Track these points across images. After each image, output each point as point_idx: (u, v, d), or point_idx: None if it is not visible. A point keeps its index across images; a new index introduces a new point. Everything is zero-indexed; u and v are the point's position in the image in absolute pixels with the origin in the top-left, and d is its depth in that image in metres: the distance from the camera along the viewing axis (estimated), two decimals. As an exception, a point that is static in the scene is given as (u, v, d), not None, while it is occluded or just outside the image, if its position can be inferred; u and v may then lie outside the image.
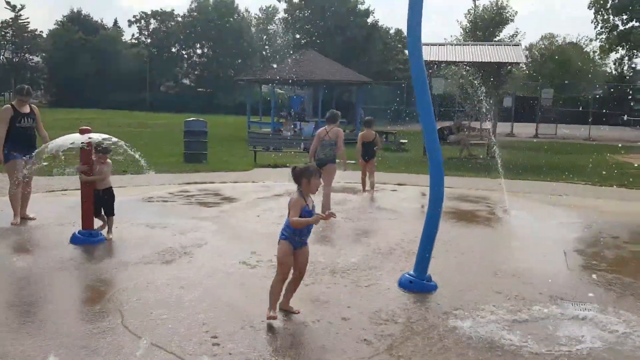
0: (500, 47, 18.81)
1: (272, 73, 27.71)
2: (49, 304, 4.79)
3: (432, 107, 5.31)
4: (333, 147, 8.49)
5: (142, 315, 4.52)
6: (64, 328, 4.25)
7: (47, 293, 5.04)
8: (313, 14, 52.66)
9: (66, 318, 4.48)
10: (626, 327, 4.53)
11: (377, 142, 10.78)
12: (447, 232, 7.35)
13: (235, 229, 7.64)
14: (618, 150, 23.07)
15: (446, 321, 4.57)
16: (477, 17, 33.50)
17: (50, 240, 6.79)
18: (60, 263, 5.88)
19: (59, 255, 6.12)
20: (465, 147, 19.00)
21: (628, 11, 30.87)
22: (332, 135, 8.50)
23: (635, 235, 8.12)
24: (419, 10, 5.14)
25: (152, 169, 7.58)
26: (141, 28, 69.19)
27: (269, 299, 4.46)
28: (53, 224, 7.52)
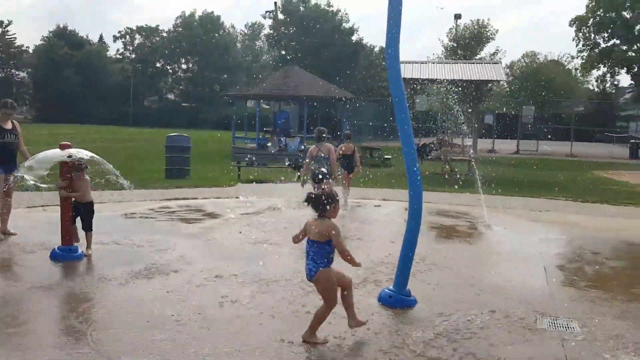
0: (481, 65, 19.09)
1: (257, 89, 27.83)
2: (24, 322, 4.69)
3: (410, 123, 5.33)
4: (328, 162, 8.80)
5: (118, 333, 4.44)
6: (38, 345, 4.16)
7: (24, 310, 4.93)
8: (298, 31, 53.11)
9: (42, 335, 4.38)
10: (604, 342, 4.56)
11: (355, 157, 11.00)
12: (427, 247, 7.37)
13: (216, 246, 7.57)
14: (600, 166, 23.44)
15: (424, 335, 4.55)
16: (459, 35, 34.00)
17: (30, 257, 6.69)
18: (38, 279, 5.78)
19: (37, 271, 6.03)
20: (447, 162, 19.15)
21: (609, 29, 31.53)
22: (325, 151, 8.96)
23: (615, 251, 8.19)
24: (397, 26, 5.19)
25: (131, 186, 7.51)
26: (126, 43, 69.33)
27: (314, 323, 4.37)
28: (33, 240, 7.41)
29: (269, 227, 8.82)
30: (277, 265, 6.60)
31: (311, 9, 54.55)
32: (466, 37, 33.72)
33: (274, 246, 7.53)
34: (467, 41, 32.98)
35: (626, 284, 6.47)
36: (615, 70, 33.79)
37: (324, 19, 53.67)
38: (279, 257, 7.01)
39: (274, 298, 5.40)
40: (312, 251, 4.33)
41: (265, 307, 5.12)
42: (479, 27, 34.34)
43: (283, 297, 5.44)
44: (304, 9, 54.72)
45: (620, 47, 32.01)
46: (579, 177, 18.49)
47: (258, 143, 25.68)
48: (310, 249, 4.34)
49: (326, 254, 4.31)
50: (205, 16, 67.45)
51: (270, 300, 5.35)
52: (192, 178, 14.88)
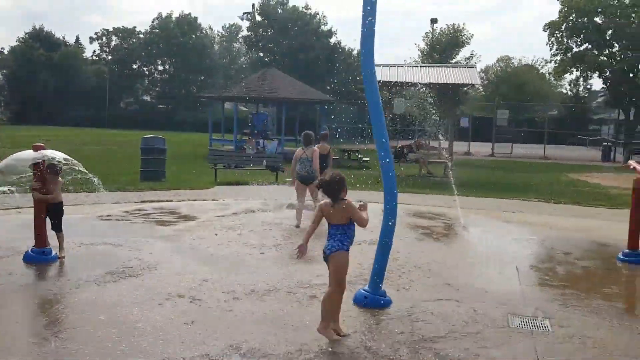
0: (456, 69, 19.31)
1: (235, 90, 27.71)
2: (-9, 326, 4.61)
3: (385, 123, 5.38)
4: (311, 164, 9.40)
5: (87, 336, 4.39)
6: (6, 348, 4.09)
7: (-10, 315, 4.85)
8: (276, 33, 53.09)
9: (11, 338, 4.32)
10: (576, 341, 4.65)
11: (330, 156, 11.18)
12: (403, 248, 7.44)
13: (191, 248, 7.51)
14: (573, 168, 23.88)
15: (399, 336, 4.59)
16: (434, 40, 34.38)
17: (2, 259, 6.57)
18: (11, 282, 5.70)
19: (10, 274, 5.95)
20: (424, 165, 19.32)
21: (582, 34, 32.14)
22: (309, 153, 9.48)
23: (586, 252, 8.35)
24: (371, 30, 5.24)
25: (103, 188, 7.44)
26: (102, 45, 68.50)
27: (325, 311, 4.34)
28: (5, 242, 7.27)
29: (245, 229, 8.80)
30: (252, 268, 6.59)
31: (289, 11, 54.59)
32: (442, 42, 34.12)
33: (250, 248, 7.52)
34: (444, 46, 33.39)
35: (597, 283, 6.61)
36: (588, 75, 34.45)
37: (302, 21, 53.75)
38: (255, 259, 7.00)
39: (247, 301, 5.40)
40: (339, 234, 4.42)
41: (238, 310, 5.11)
42: (455, 32, 34.76)
43: (255, 299, 5.44)
44: (282, 11, 54.73)
45: (592, 51, 32.65)
46: (552, 179, 18.83)
47: (236, 145, 25.56)
48: (337, 232, 4.42)
49: (352, 234, 4.44)
50: (182, 18, 66.97)
51: (243, 302, 5.34)
52: (168, 180, 14.75)
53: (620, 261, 7.49)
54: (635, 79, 31.52)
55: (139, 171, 15.02)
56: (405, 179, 16.22)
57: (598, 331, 4.89)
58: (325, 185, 4.41)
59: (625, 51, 31.88)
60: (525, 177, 19.57)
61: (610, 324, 5.10)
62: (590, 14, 31.16)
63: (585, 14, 31.12)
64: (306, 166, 9.43)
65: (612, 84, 32.40)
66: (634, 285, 6.88)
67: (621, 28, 30.46)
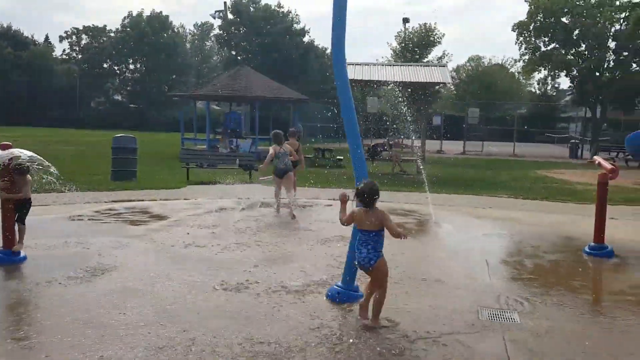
0: (428, 68, 19.52)
1: (207, 89, 27.50)
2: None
3: (356, 118, 5.43)
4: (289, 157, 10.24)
5: (55, 336, 4.34)
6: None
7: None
8: (248, 31, 52.79)
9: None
10: (543, 333, 4.78)
11: (300, 153, 11.62)
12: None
13: (163, 247, 7.45)
14: (541, 165, 24.37)
15: (373, 331, 4.65)
16: (407, 39, 34.68)
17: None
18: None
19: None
20: (397, 163, 19.49)
21: (549, 33, 32.78)
22: (286, 149, 10.30)
23: (554, 245, 8.54)
24: (342, 27, 5.28)
25: (71, 188, 7.34)
26: (72, 44, 67.22)
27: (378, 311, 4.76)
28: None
29: (218, 228, 8.77)
30: (226, 266, 6.58)
31: (261, 10, 54.32)
32: (414, 41, 34.44)
33: (223, 246, 7.51)
34: (416, 45, 33.69)
35: (564, 276, 6.79)
36: (555, 73, 35.17)
37: (275, 19, 53.55)
38: (228, 257, 6.99)
39: (218, 298, 5.39)
40: (372, 241, 4.69)
41: (206, 307, 5.11)
42: (426, 31, 35.11)
43: (224, 299, 5.44)
44: (254, 10, 54.43)
45: (559, 50, 33.34)
46: (521, 176, 19.19)
47: (208, 144, 25.39)
48: (370, 239, 4.70)
49: (382, 241, 4.74)
50: (153, 16, 66.12)
51: (214, 300, 5.34)
52: (139, 180, 14.60)
53: (587, 254, 7.69)
54: (601, 77, 32.29)
55: (110, 171, 14.83)
56: (378, 176, 16.35)
57: (565, 323, 5.03)
58: (363, 195, 4.70)
59: (591, 50, 32.65)
60: (495, 174, 19.90)
61: (577, 315, 5.25)
62: (557, 14, 31.81)
63: (553, 14, 31.76)
64: (283, 160, 10.17)
65: (579, 82, 33.14)
66: (599, 277, 7.07)
67: (587, 28, 31.18)
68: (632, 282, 6.54)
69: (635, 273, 7.06)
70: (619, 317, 5.23)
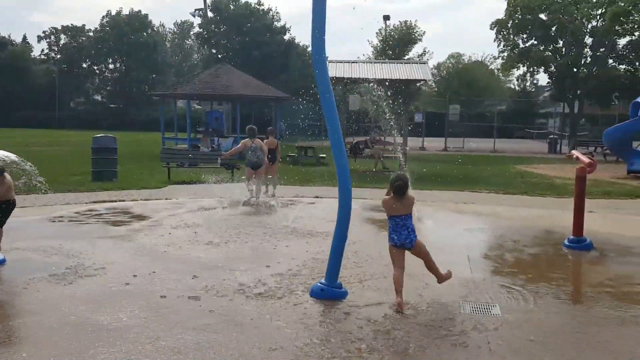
0: (408, 65, 19.59)
1: (187, 88, 27.28)
2: None
3: (338, 119, 5.44)
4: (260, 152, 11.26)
5: (36, 339, 4.29)
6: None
7: None
8: (229, 29, 52.49)
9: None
10: (524, 325, 4.85)
11: (278, 150, 12.74)
12: (359, 241, 7.55)
13: (144, 248, 7.39)
14: (521, 161, 24.66)
15: (355, 327, 4.68)
16: (387, 36, 34.80)
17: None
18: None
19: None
20: (380, 160, 19.56)
21: (527, 30, 33.12)
22: (257, 143, 11.28)
23: (534, 239, 8.65)
24: (322, 26, 5.28)
25: (51, 189, 7.25)
26: (51, 44, 66.26)
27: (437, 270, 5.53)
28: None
29: (200, 227, 8.73)
30: (207, 266, 6.56)
31: (241, 8, 54.03)
32: (395, 38, 34.55)
33: (204, 246, 7.48)
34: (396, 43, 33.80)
35: (544, 269, 6.88)
36: (534, 70, 35.57)
37: (255, 17, 53.31)
38: (210, 257, 6.97)
39: (201, 300, 5.38)
40: (409, 223, 5.30)
41: (186, 309, 5.10)
42: (407, 29, 35.24)
43: (202, 300, 5.43)
44: (234, 8, 54.13)
45: (537, 47, 33.72)
46: (502, 171, 19.40)
47: (189, 143, 25.23)
48: (406, 221, 5.29)
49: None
50: (132, 15, 65.43)
51: (197, 301, 5.32)
52: (120, 180, 14.46)
53: (566, 247, 7.81)
54: (578, 73, 32.73)
55: (90, 171, 14.68)
56: (360, 174, 16.43)
57: (545, 315, 5.10)
58: (400, 186, 5.25)
59: (568, 46, 33.09)
60: (476, 169, 20.09)
61: (557, 308, 5.33)
62: (535, 10, 32.16)
63: (531, 10, 32.10)
64: (256, 154, 11.23)
65: (557, 78, 33.55)
66: (579, 270, 7.18)
67: (564, 24, 31.58)
68: (610, 274, 6.65)
69: (613, 265, 7.19)
70: (597, 308, 5.33)
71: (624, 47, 31.78)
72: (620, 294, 5.82)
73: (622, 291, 5.92)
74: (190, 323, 4.69)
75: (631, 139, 19.58)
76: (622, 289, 6.02)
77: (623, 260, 7.42)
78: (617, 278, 6.44)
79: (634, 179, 17.30)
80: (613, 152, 22.29)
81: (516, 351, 4.30)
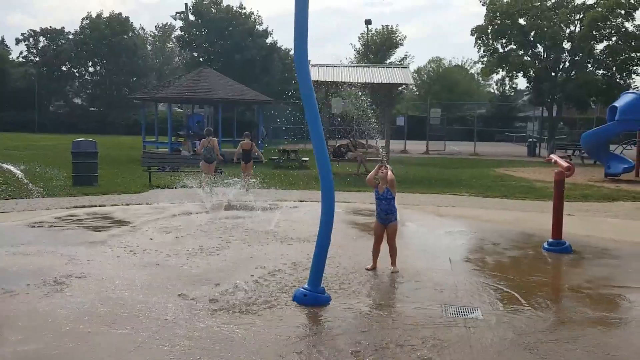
0: (390, 70, 19.71)
1: (168, 91, 27.09)
2: None
3: (320, 122, 5.47)
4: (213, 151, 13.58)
5: (18, 347, 4.24)
6: None
7: None
8: (210, 32, 52.24)
9: None
10: (505, 328, 4.92)
11: (254, 150, 14.46)
12: (341, 245, 7.58)
13: (125, 254, 7.33)
14: (501, 164, 24.94)
15: (338, 332, 4.70)
16: (369, 40, 34.96)
17: None
18: None
19: None
20: (362, 163, 19.64)
21: (506, 36, 33.51)
22: (212, 143, 13.65)
23: (514, 242, 8.76)
24: (304, 31, 5.31)
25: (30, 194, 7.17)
26: (30, 46, 65.22)
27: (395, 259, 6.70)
28: None
29: (181, 232, 8.68)
30: (188, 272, 6.54)
31: (223, 11, 53.81)
32: (377, 42, 34.75)
33: (186, 254, 7.45)
34: (378, 46, 33.99)
35: (523, 271, 6.98)
36: (513, 74, 36.01)
37: (237, 21, 53.14)
38: (189, 266, 6.94)
39: (187, 310, 5.36)
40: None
41: (158, 325, 5.08)
42: (388, 33, 35.46)
43: (182, 307, 5.41)
44: (216, 11, 53.90)
45: (517, 52, 34.14)
46: (482, 175, 19.61)
47: (170, 147, 25.05)
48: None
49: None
50: (113, 17, 64.77)
51: (175, 309, 5.30)
52: (101, 185, 14.33)
53: (546, 250, 7.93)
54: (556, 78, 33.21)
55: (71, 176, 14.51)
56: (343, 177, 16.47)
57: (526, 318, 5.17)
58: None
59: (547, 51, 33.56)
60: (457, 173, 20.28)
61: (538, 310, 5.41)
62: (514, 16, 32.57)
63: (510, 16, 32.50)
64: (210, 152, 13.56)
65: (536, 82, 34.00)
66: (558, 273, 7.29)
67: (542, 29, 32.02)
68: (588, 276, 6.78)
69: (591, 268, 7.32)
70: (577, 309, 5.42)
71: (601, 52, 32.33)
72: (598, 295, 5.94)
73: (600, 293, 6.04)
74: (165, 334, 4.66)
75: (608, 143, 19.93)
76: (600, 290, 6.13)
77: (601, 262, 7.56)
78: (595, 280, 6.56)
79: (611, 182, 17.62)
80: (590, 156, 22.67)
81: (499, 353, 4.36)
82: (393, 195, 6.61)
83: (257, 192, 12.50)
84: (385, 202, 6.58)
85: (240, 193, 11.78)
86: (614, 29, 31.16)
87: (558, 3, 32.89)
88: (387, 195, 6.57)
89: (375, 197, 6.71)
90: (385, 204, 6.59)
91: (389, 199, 6.58)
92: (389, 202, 6.58)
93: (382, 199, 6.60)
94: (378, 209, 6.66)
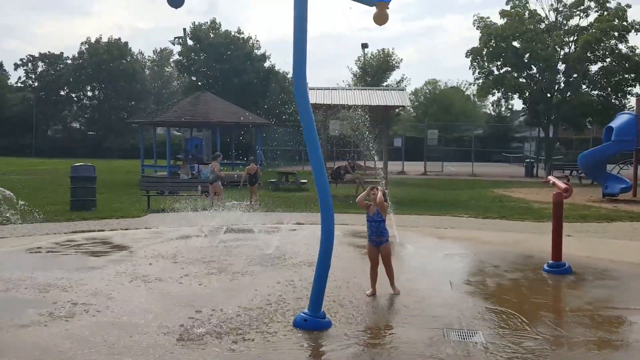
0: (387, 92, 19.87)
1: (167, 115, 27.22)
2: None
3: (319, 145, 5.50)
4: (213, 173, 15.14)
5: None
6: None
7: None
8: (209, 57, 52.69)
9: None
10: (508, 351, 4.88)
11: (258, 174, 16.04)
12: (341, 268, 7.55)
13: (125, 280, 7.29)
14: (498, 184, 24.98)
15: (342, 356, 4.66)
16: (366, 64, 35.27)
17: None
18: None
19: None
20: (360, 185, 19.66)
21: (501, 58, 33.85)
22: (212, 166, 15.34)
23: (514, 264, 8.74)
24: (303, 56, 5.37)
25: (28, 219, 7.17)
26: (28, 71, 65.67)
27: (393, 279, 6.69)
28: None
29: (180, 257, 8.65)
30: (189, 297, 6.50)
31: (221, 36, 54.37)
32: (373, 65, 35.04)
33: (184, 279, 7.41)
34: (375, 69, 34.27)
35: (524, 293, 6.95)
36: (509, 95, 36.28)
37: (235, 45, 53.63)
38: (188, 291, 6.91)
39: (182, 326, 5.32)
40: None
41: (168, 343, 5.04)
42: (385, 56, 35.78)
43: (179, 325, 5.38)
44: (214, 36, 54.44)
45: (511, 74, 34.44)
46: (480, 196, 19.62)
47: (169, 171, 25.08)
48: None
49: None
50: (111, 42, 65.36)
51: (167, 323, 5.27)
52: (99, 209, 14.30)
53: (546, 272, 7.92)
54: (552, 99, 33.44)
55: (69, 201, 14.50)
56: (342, 199, 16.46)
57: (528, 341, 5.14)
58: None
59: (542, 73, 33.86)
60: (455, 194, 20.29)
61: (539, 332, 5.38)
62: (509, 39, 32.94)
63: (504, 39, 32.87)
64: (212, 174, 15.34)
65: (531, 103, 34.24)
66: (559, 295, 7.26)
67: (537, 52, 32.36)
68: (588, 298, 6.76)
69: (592, 289, 7.29)
70: (577, 331, 5.40)
71: (595, 73, 32.62)
72: (599, 317, 5.91)
73: (601, 314, 6.02)
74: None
75: (605, 163, 20.01)
76: (600, 312, 6.11)
77: (601, 283, 7.55)
78: (596, 302, 6.54)
79: (609, 202, 17.65)
80: (588, 176, 22.73)
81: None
82: (383, 217, 6.58)
83: (256, 214, 12.49)
84: (374, 224, 6.58)
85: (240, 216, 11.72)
86: (607, 50, 31.51)
87: (551, 26, 33.32)
88: (377, 217, 6.56)
89: (366, 219, 6.70)
90: (374, 226, 6.58)
91: (378, 221, 6.56)
92: (378, 225, 6.57)
93: (372, 221, 6.59)
94: (369, 232, 6.66)
